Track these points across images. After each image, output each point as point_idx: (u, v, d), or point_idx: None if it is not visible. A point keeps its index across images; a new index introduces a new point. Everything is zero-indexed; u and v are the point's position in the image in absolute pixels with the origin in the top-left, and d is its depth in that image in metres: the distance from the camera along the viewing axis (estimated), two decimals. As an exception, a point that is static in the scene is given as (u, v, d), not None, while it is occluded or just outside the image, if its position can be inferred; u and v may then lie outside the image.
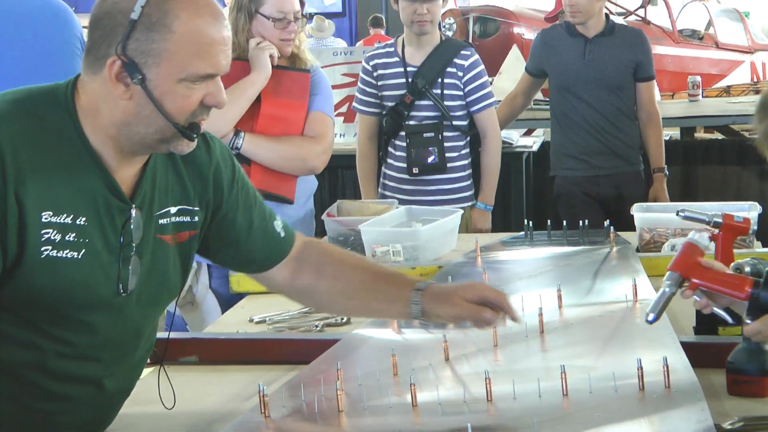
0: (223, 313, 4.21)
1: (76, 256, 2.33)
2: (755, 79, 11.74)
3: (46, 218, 2.28)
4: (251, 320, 3.67)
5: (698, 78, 9.26)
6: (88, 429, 2.58)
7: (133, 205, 2.42)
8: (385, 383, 2.74)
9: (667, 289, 2.51)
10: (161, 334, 3.36)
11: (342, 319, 3.57)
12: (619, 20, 8.09)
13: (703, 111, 8.95)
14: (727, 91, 10.42)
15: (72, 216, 2.32)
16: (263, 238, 2.78)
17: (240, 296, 4.09)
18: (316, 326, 3.53)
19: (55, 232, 2.30)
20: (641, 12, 12.66)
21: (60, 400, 2.39)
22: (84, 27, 2.56)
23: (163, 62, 2.29)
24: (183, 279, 2.67)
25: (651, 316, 2.52)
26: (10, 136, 2.25)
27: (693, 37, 13.17)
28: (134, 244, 2.43)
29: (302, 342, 3.31)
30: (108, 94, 2.33)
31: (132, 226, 2.42)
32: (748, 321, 2.46)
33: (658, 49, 7.55)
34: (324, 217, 4.59)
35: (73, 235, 2.32)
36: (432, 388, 2.66)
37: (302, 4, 4.49)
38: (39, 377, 2.32)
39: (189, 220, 2.59)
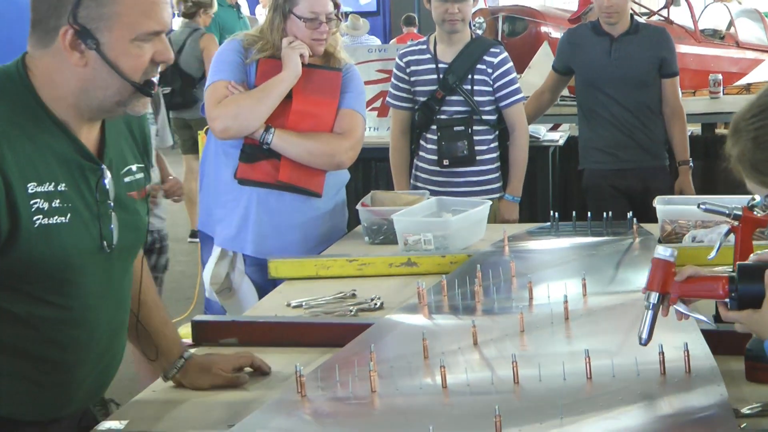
0: (259, 298, 4.21)
1: (64, 221, 2.38)
2: (774, 78, 11.67)
3: (32, 189, 2.32)
4: (288, 305, 3.66)
5: (719, 76, 9.22)
6: (87, 396, 2.65)
7: (103, 165, 2.48)
8: (416, 365, 2.74)
9: (651, 310, 2.49)
10: (201, 317, 3.38)
11: (375, 304, 3.57)
12: (642, 20, 8.05)
13: (723, 108, 8.88)
14: (747, 89, 10.33)
15: (53, 183, 2.36)
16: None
17: (275, 283, 4.08)
18: (351, 311, 3.53)
19: (42, 200, 2.34)
20: (664, 12, 12.60)
21: (59, 368, 2.40)
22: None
23: (115, 25, 2.34)
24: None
25: (643, 339, 2.51)
26: None
27: (714, 36, 13.11)
28: (110, 202, 2.49)
29: (337, 326, 3.30)
30: (62, 65, 2.37)
31: (106, 184, 2.48)
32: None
33: (680, 48, 7.51)
34: (358, 207, 4.60)
35: (58, 201, 2.37)
36: (461, 370, 2.67)
37: (337, 5, 4.48)
38: (38, 348, 2.33)
39: (144, 175, 2.67)
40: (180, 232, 10.53)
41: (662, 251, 2.50)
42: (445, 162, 5.31)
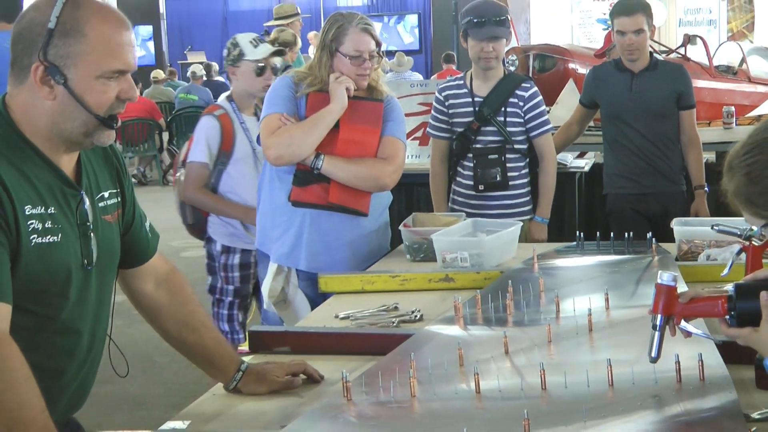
0: (311, 310, 4.21)
1: (56, 240, 2.44)
2: (783, 110, 11.59)
3: (28, 211, 2.37)
4: (336, 316, 3.66)
5: (732, 108, 9.17)
6: (71, 403, 2.67)
7: (82, 191, 2.53)
8: (452, 373, 2.74)
9: (657, 331, 2.49)
10: (256, 327, 3.39)
11: (415, 316, 3.56)
12: (661, 57, 8.02)
13: (736, 137, 8.70)
14: (758, 119, 10.27)
15: (44, 206, 2.42)
16: (140, 231, 2.83)
17: (325, 296, 4.08)
18: (393, 322, 3.52)
19: (37, 221, 2.39)
20: (682, 50, 12.54)
21: (45, 374, 2.38)
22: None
23: (80, 62, 2.38)
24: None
25: (652, 357, 2.50)
26: None
27: (728, 72, 13.03)
28: (89, 224, 2.54)
29: (381, 336, 3.30)
30: (35, 100, 2.41)
31: (85, 208, 2.53)
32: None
33: (696, 83, 7.47)
34: (401, 227, 4.61)
35: (49, 222, 2.42)
36: (493, 377, 2.67)
37: (378, 44, 4.51)
38: (26, 355, 2.29)
39: (117, 200, 2.70)
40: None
41: (664, 277, 2.48)
42: (481, 187, 5.30)
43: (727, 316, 2.43)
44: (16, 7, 4.39)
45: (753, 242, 3.27)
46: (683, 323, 2.50)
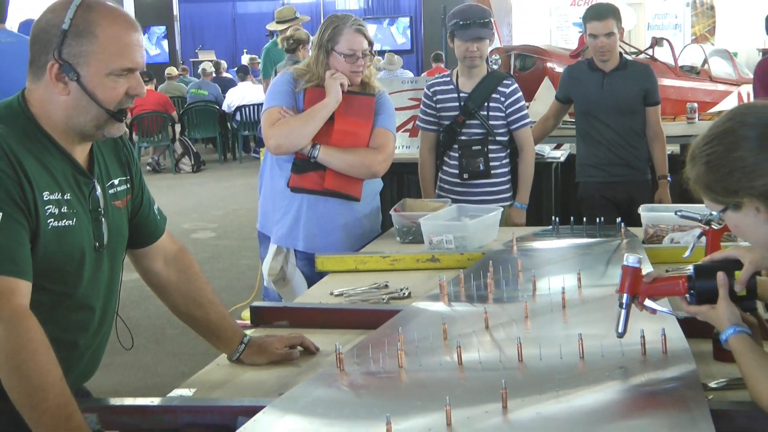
0: (308, 287, 4.21)
1: (71, 224, 2.45)
2: (742, 106, 11.57)
3: (46, 197, 2.39)
4: (332, 293, 3.65)
5: (695, 105, 9.16)
6: (83, 372, 2.68)
7: (94, 179, 2.54)
8: (437, 345, 2.73)
9: (624, 309, 2.50)
10: (257, 303, 3.39)
11: (404, 293, 3.56)
12: (631, 58, 8.01)
13: (698, 131, 8.70)
14: (718, 115, 10.29)
15: (61, 193, 2.43)
16: (149, 214, 2.83)
17: (321, 274, 4.07)
18: (383, 299, 3.52)
19: (54, 206, 2.40)
20: (650, 51, 12.57)
21: (61, 345, 2.37)
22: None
23: (92, 61, 2.39)
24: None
25: (619, 333, 2.52)
26: (3, 137, 2.34)
27: (691, 72, 13.05)
28: (101, 209, 2.55)
29: (371, 312, 3.29)
30: (51, 95, 2.42)
31: (97, 195, 2.54)
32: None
33: (662, 81, 7.46)
34: (391, 212, 4.60)
35: (65, 207, 2.43)
36: (474, 350, 2.66)
37: (371, 43, 4.51)
38: (44, 329, 2.30)
39: (127, 186, 2.70)
40: (246, 232, 10.57)
41: (630, 260, 2.50)
42: (465, 176, 5.28)
43: (688, 295, 2.45)
44: (2, 8, 4.36)
45: (713, 226, 3.26)
46: (648, 301, 2.50)
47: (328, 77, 4.39)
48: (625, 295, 2.49)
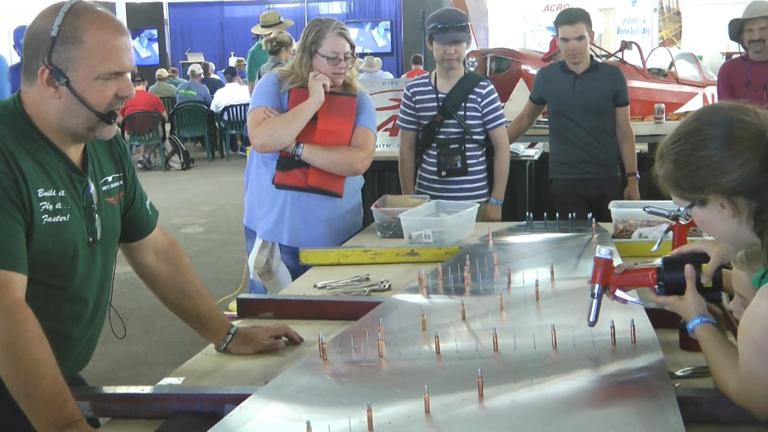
0: (292, 280, 4.20)
1: (65, 220, 2.44)
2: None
3: (40, 194, 2.39)
4: (315, 286, 3.64)
5: (662, 105, 9.20)
6: (77, 362, 2.68)
7: (88, 177, 2.53)
8: (416, 336, 2.73)
9: (596, 299, 2.51)
10: (244, 295, 3.38)
11: (384, 286, 3.56)
12: (601, 60, 8.03)
13: (666, 131, 8.70)
14: (685, 115, 10.33)
15: (55, 190, 2.42)
16: (141, 209, 2.82)
17: (305, 267, 4.07)
18: (364, 292, 3.52)
19: (48, 203, 2.40)
20: (619, 54, 12.59)
21: (55, 336, 2.37)
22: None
23: (80, 66, 2.38)
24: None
25: (590, 322, 2.53)
26: (0, 136, 2.34)
27: (659, 74, 13.07)
28: (94, 206, 2.54)
29: (353, 303, 3.29)
30: (44, 98, 2.42)
31: (90, 192, 2.53)
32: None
33: (631, 83, 7.45)
34: (372, 207, 4.59)
35: (59, 204, 2.43)
36: (451, 340, 2.66)
37: (352, 46, 4.51)
38: (39, 320, 2.30)
39: (120, 183, 2.69)
40: (233, 226, 10.55)
41: (602, 251, 2.51)
42: (443, 173, 5.28)
43: (657, 286, 2.46)
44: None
45: (680, 221, 3.27)
46: (618, 292, 2.51)
47: (311, 78, 4.38)
48: (596, 286, 2.50)
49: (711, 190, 2.12)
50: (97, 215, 2.56)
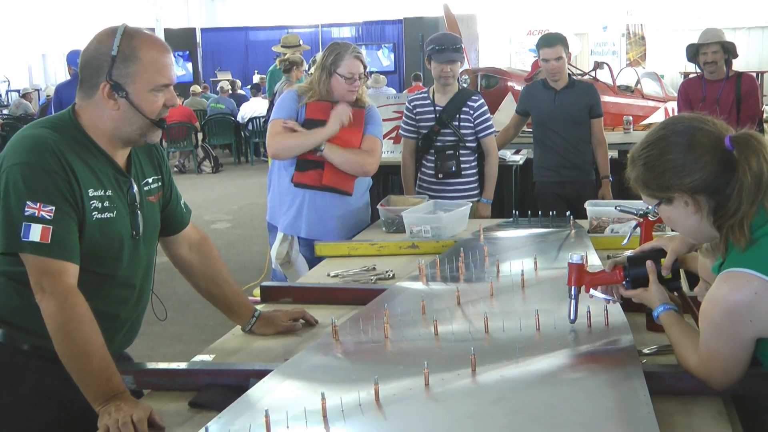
0: (309, 269, 4.18)
1: (112, 216, 2.45)
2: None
3: (91, 193, 2.39)
4: (328, 275, 3.63)
5: (630, 117, 9.22)
6: (123, 341, 2.66)
7: (132, 179, 2.54)
8: (416, 319, 2.72)
9: (573, 300, 2.51)
10: (266, 283, 3.37)
11: (389, 275, 3.54)
12: (578, 78, 8.01)
13: (634, 139, 8.70)
14: (649, 126, 10.36)
15: (103, 190, 2.43)
16: (177, 207, 2.81)
17: (320, 259, 4.05)
18: (371, 280, 3.50)
19: (97, 201, 2.41)
20: (593, 73, 12.61)
21: (104, 317, 2.39)
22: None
23: (137, 80, 2.40)
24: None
25: (570, 319, 2.52)
26: (57, 143, 2.35)
27: (627, 90, 13.06)
28: (137, 204, 2.54)
29: (361, 290, 3.27)
30: (102, 110, 2.42)
31: (134, 192, 2.54)
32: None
33: (603, 98, 7.42)
34: (378, 206, 4.57)
35: (107, 202, 2.43)
36: (448, 323, 2.65)
37: (365, 67, 4.49)
38: (90, 303, 2.32)
39: (159, 184, 2.69)
40: (256, 223, 10.54)
41: (574, 258, 2.53)
42: (440, 175, 5.26)
43: (624, 282, 2.46)
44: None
45: (648, 218, 3.25)
46: (592, 290, 2.51)
47: (337, 109, 4.37)
48: (572, 288, 2.51)
49: (676, 190, 2.12)
50: (139, 212, 2.56)
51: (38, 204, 2.27)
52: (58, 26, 29.17)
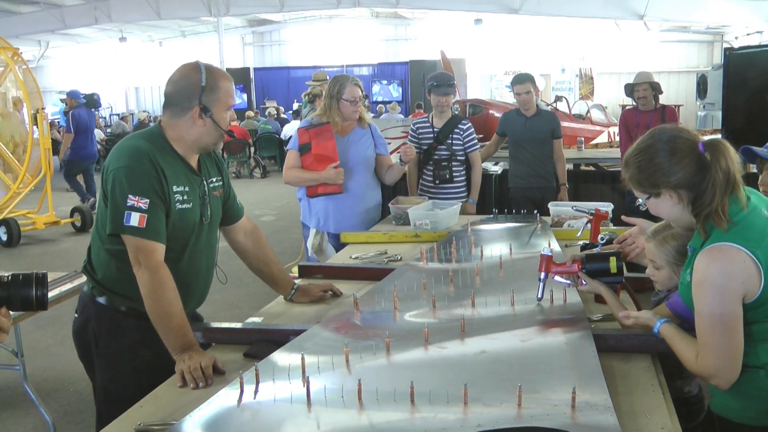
0: (336, 253, 4.17)
1: (189, 207, 2.46)
2: (609, 140, 11.61)
3: (174, 189, 2.41)
4: (351, 257, 3.61)
5: (582, 138, 9.22)
6: (196, 302, 2.65)
7: (203, 178, 2.54)
8: (419, 294, 2.70)
9: (542, 282, 2.48)
10: (302, 263, 3.33)
11: (397, 258, 3.52)
12: (543, 107, 7.99)
13: (584, 156, 8.89)
14: (596, 146, 10.41)
15: (183, 187, 2.44)
16: (234, 203, 2.80)
17: (344, 245, 4.01)
18: (384, 262, 3.48)
19: (179, 195, 2.42)
20: (554, 104, 12.58)
21: (181, 284, 2.39)
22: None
23: (218, 103, 2.45)
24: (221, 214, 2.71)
25: (538, 298, 2.49)
26: (150, 150, 2.38)
27: (579, 117, 13.03)
28: (207, 197, 2.54)
29: (376, 269, 3.25)
30: (189, 126, 2.45)
31: (205, 188, 2.54)
32: (584, 282, 2.45)
33: (562, 124, 7.37)
34: (390, 204, 4.57)
35: (186, 195, 2.44)
36: (443, 297, 2.63)
37: (362, 92, 4.46)
38: (174, 275, 2.35)
39: (220, 183, 2.68)
40: (295, 217, 10.51)
41: (545, 250, 2.50)
42: (437, 181, 5.23)
43: (582, 272, 2.43)
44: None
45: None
46: (556, 276, 2.47)
47: (335, 173, 4.29)
48: (542, 273, 2.48)
49: (663, 186, 2.06)
50: (208, 203, 2.56)
51: (137, 197, 2.31)
52: (146, 64, 29.31)
